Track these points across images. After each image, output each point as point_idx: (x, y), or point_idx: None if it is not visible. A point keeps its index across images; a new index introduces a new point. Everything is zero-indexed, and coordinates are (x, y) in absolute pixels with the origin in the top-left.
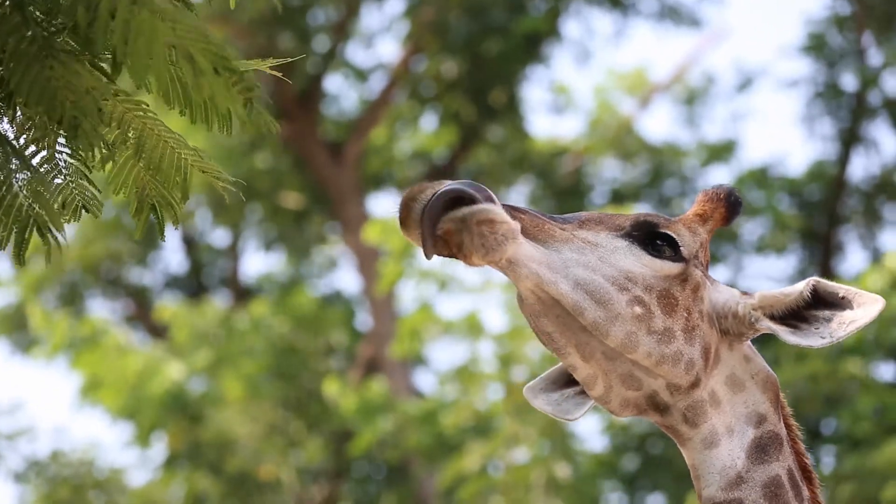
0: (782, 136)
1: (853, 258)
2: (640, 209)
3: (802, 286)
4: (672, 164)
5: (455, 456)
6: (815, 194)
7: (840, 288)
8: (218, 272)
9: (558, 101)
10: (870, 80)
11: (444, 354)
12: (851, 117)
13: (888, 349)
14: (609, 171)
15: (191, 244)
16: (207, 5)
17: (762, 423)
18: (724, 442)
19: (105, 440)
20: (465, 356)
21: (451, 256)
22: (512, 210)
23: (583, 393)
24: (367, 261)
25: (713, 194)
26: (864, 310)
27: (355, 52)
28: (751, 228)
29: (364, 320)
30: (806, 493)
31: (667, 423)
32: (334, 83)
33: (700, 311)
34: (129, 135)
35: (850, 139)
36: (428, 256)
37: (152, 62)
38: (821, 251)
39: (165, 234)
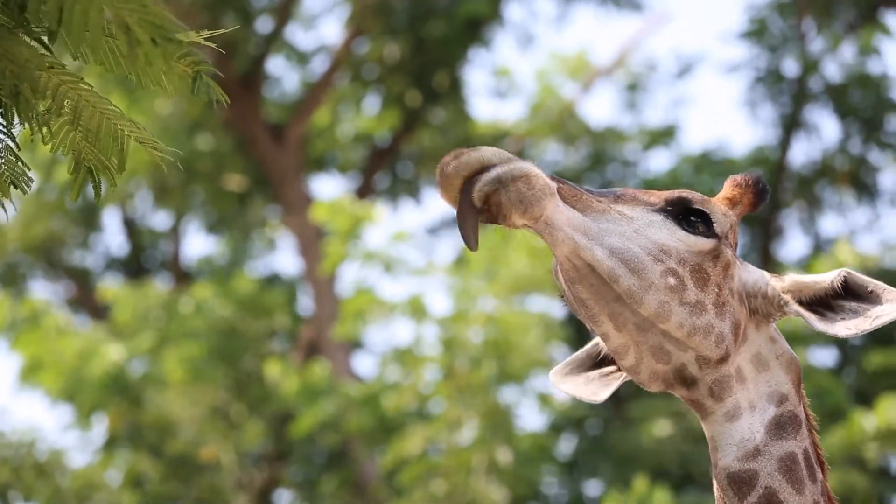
0: (723, 120)
1: (794, 243)
2: None
3: (834, 276)
4: (614, 148)
5: (396, 439)
6: None
7: (869, 282)
8: (159, 255)
9: (501, 85)
10: (810, 65)
11: (385, 337)
12: (792, 102)
13: (826, 336)
14: (551, 154)
15: (132, 226)
16: None
17: (783, 402)
18: (745, 416)
19: (45, 422)
20: (406, 339)
21: (492, 221)
22: (550, 177)
23: (607, 374)
24: (309, 243)
25: (742, 181)
26: (891, 306)
27: (297, 34)
28: None
29: (305, 303)
30: (819, 475)
31: (692, 396)
32: (277, 65)
33: (730, 288)
34: (65, 106)
35: (790, 124)
36: (465, 227)
37: (88, 33)
38: (762, 235)
39: (102, 198)
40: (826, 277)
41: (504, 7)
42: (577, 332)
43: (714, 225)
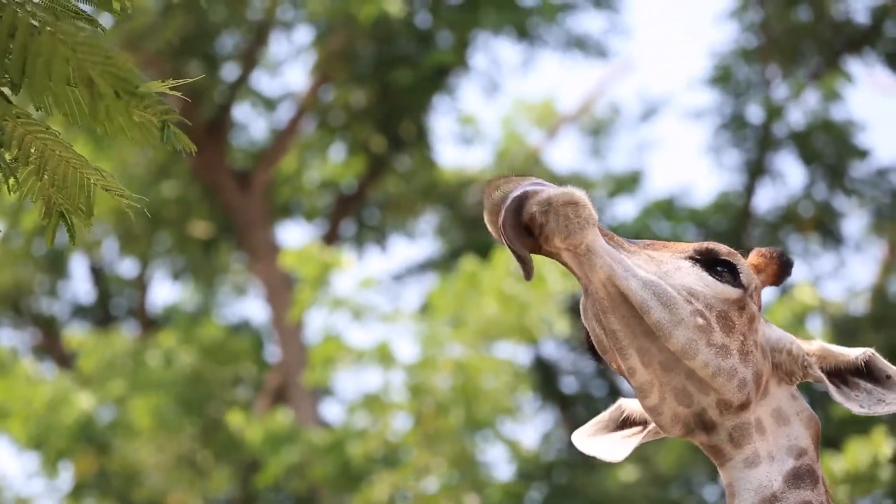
0: (688, 167)
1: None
2: None
3: (860, 354)
4: None
5: (364, 486)
6: (721, 225)
7: (890, 369)
8: (126, 302)
9: (466, 132)
10: (775, 111)
11: (351, 384)
12: (757, 149)
13: None
14: None
15: (98, 274)
16: (116, 32)
17: (802, 456)
18: (764, 464)
19: (11, 469)
20: (374, 385)
21: (532, 249)
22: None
23: (629, 436)
24: (276, 290)
25: (767, 253)
26: (894, 396)
27: (263, 81)
28: None
29: (273, 350)
30: None
31: (711, 442)
32: (242, 112)
33: (755, 340)
34: (31, 155)
35: (755, 171)
36: (512, 245)
37: (51, 83)
38: None
39: (77, 240)
40: (851, 353)
41: (469, 55)
42: (543, 380)
43: (741, 276)
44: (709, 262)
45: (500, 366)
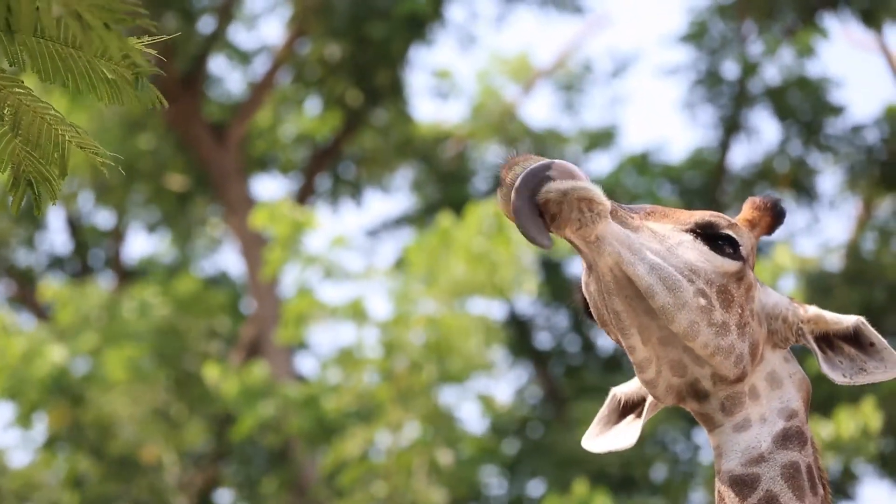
0: (663, 123)
1: None
2: None
3: (850, 322)
4: (554, 150)
5: (337, 440)
6: (696, 181)
7: (875, 337)
8: (102, 253)
9: (442, 86)
10: (750, 68)
11: (327, 339)
12: (732, 105)
13: None
14: (492, 156)
15: (75, 225)
16: None
17: (792, 418)
18: (755, 427)
19: None
20: (347, 341)
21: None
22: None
23: (632, 421)
24: (251, 244)
25: (761, 203)
26: (885, 368)
27: (239, 34)
28: None
29: (248, 303)
30: (821, 490)
31: (703, 410)
32: (218, 65)
33: (751, 309)
34: (6, 111)
35: (730, 127)
36: (528, 225)
37: (39, 19)
38: None
39: (43, 210)
40: (844, 321)
41: (445, 7)
42: (516, 335)
43: (740, 248)
44: (710, 236)
45: (473, 322)
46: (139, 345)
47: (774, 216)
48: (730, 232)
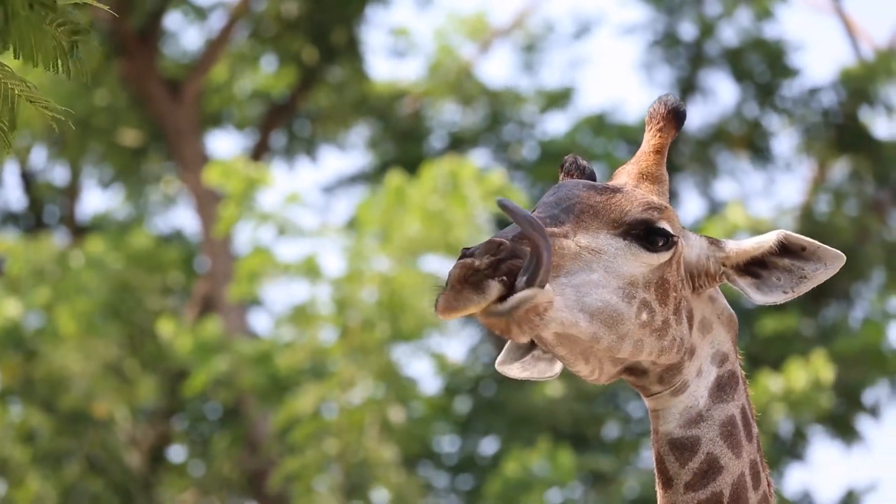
0: (620, 83)
1: (689, 206)
2: (478, 154)
3: (774, 240)
4: (511, 109)
5: (289, 397)
6: None
7: (804, 240)
8: (57, 210)
9: (399, 44)
10: (707, 29)
11: (280, 296)
12: (689, 66)
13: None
14: (448, 115)
15: (29, 181)
16: None
17: (724, 362)
18: (691, 385)
19: None
20: (301, 298)
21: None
22: (527, 244)
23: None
24: (205, 200)
25: (660, 118)
26: (825, 265)
27: None
28: None
29: (202, 260)
30: (755, 429)
31: (640, 383)
32: (174, 21)
33: (681, 279)
34: None
35: (686, 88)
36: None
37: None
38: None
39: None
40: (767, 241)
41: None
42: None
43: (672, 236)
44: (644, 234)
45: (426, 280)
46: (92, 300)
47: (677, 125)
48: (663, 225)
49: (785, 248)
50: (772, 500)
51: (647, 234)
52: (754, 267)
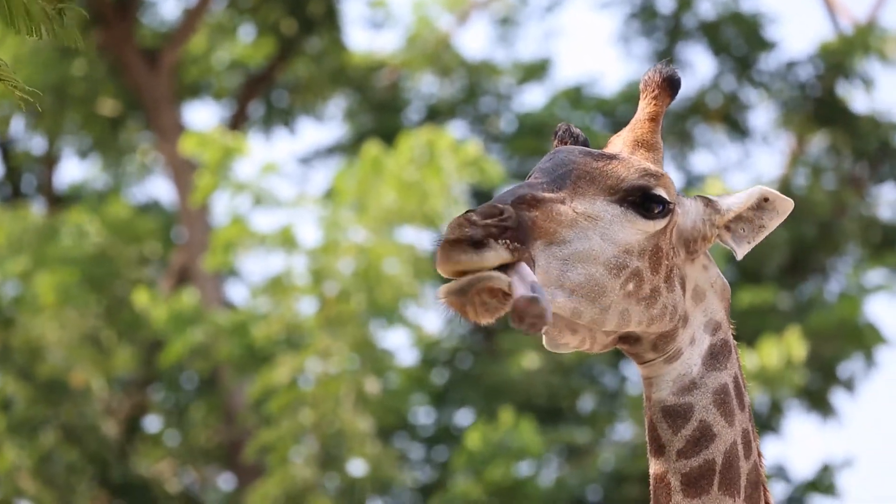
0: (597, 56)
1: None
2: (456, 126)
3: (757, 197)
4: (488, 81)
5: (265, 368)
6: (629, 115)
7: (769, 192)
8: (34, 179)
9: (377, 15)
10: (685, 2)
11: (257, 266)
12: (666, 39)
13: None
14: (426, 86)
15: (7, 151)
16: None
17: (717, 330)
18: (685, 353)
19: None
20: (278, 269)
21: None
22: (528, 207)
23: None
24: (182, 170)
25: (655, 86)
26: (777, 212)
27: None
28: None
29: (179, 230)
30: (747, 399)
31: (633, 350)
32: None
33: (672, 246)
34: None
35: (664, 61)
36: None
37: None
38: None
39: None
40: (750, 198)
41: None
42: None
43: (669, 203)
44: (640, 200)
45: (402, 251)
46: (70, 269)
47: (672, 92)
48: (659, 191)
49: (758, 202)
50: (762, 470)
51: (644, 201)
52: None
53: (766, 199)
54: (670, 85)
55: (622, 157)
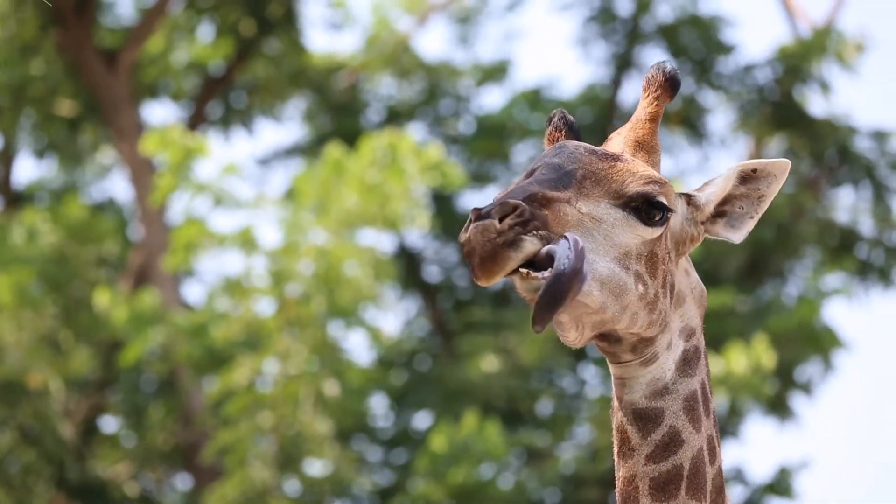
0: (556, 58)
1: None
2: (415, 128)
3: (734, 174)
4: (447, 83)
5: (224, 369)
6: (587, 117)
7: (754, 164)
8: None
9: (336, 17)
10: (643, 5)
11: (215, 267)
12: (625, 42)
13: None
14: (385, 88)
15: None
16: None
17: (691, 337)
18: (661, 358)
19: None
20: (237, 270)
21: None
22: (539, 205)
23: None
24: (140, 170)
25: (657, 86)
26: (776, 176)
27: None
28: (522, 149)
29: (137, 230)
30: (713, 405)
31: (611, 349)
32: None
33: (667, 252)
34: None
35: (622, 64)
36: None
37: None
38: None
39: None
40: (728, 180)
41: None
42: (406, 268)
43: (669, 211)
44: (643, 206)
45: (362, 253)
46: (27, 270)
47: (673, 91)
48: (661, 199)
49: (741, 178)
50: (722, 476)
51: (646, 208)
52: (719, 207)
53: (753, 171)
54: (672, 85)
55: (626, 160)
